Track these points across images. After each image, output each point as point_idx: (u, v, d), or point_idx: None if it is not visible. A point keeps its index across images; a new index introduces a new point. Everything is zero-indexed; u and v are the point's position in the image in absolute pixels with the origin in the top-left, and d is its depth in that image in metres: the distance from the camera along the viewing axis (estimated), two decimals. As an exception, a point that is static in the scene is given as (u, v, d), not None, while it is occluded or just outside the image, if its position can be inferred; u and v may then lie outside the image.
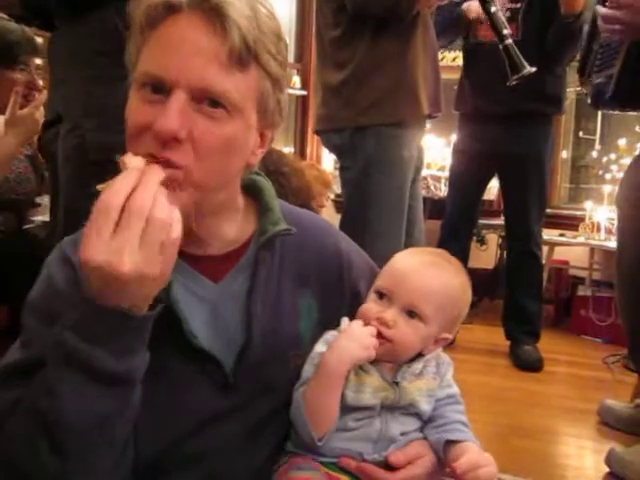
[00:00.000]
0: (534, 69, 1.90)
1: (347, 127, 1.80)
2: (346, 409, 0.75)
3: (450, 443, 0.76)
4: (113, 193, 0.59)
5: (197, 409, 0.74)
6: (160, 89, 0.67)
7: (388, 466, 0.76)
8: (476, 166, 2.85)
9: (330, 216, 3.05)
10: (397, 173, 1.79)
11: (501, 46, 1.89)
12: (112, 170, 0.78)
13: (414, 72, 1.79)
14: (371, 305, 0.79)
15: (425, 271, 0.79)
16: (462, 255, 2.90)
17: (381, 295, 0.79)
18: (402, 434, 0.78)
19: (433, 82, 1.87)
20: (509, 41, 1.88)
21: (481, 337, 3.15)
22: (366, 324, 0.77)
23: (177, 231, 0.61)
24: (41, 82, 1.86)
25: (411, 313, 0.77)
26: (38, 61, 1.92)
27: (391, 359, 0.78)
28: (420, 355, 0.80)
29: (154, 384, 0.71)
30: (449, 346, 3.06)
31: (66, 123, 1.35)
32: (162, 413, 0.73)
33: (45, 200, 1.86)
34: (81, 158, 1.30)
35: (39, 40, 1.95)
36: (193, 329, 0.73)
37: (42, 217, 1.88)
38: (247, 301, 0.78)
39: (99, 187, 0.61)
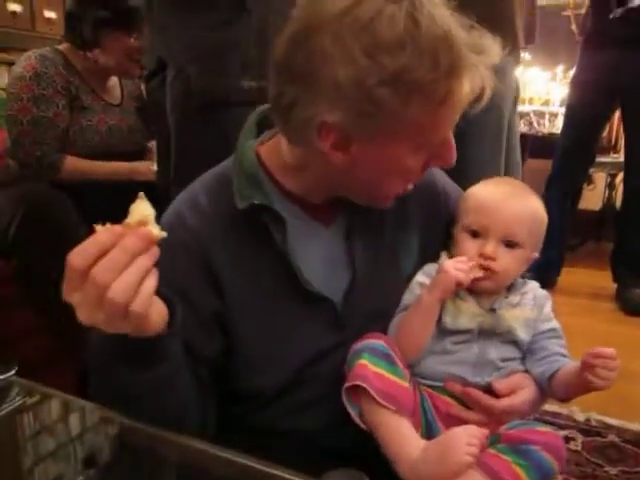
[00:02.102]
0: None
1: None
2: (444, 333, 0.79)
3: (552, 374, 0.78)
4: (76, 252, 0.56)
5: (311, 345, 0.80)
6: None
7: (490, 393, 0.79)
8: (596, 98, 2.64)
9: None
10: (494, 106, 1.73)
11: None
12: (218, 113, 0.81)
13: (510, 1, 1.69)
14: (468, 245, 0.81)
15: (513, 201, 0.82)
16: (574, 195, 2.78)
17: (474, 233, 0.81)
18: (502, 360, 0.80)
19: (528, 11, 1.77)
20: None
21: (584, 280, 3.03)
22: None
23: (142, 306, 0.57)
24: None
25: (509, 242, 0.80)
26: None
27: (494, 289, 0.81)
28: (516, 285, 0.83)
29: (273, 323, 0.79)
30: (551, 288, 2.96)
31: (171, 69, 1.39)
32: (281, 349, 0.79)
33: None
34: (188, 103, 1.34)
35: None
36: (307, 276, 0.78)
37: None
38: (349, 242, 0.82)
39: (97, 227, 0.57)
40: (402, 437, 0.71)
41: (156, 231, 0.57)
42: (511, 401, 0.78)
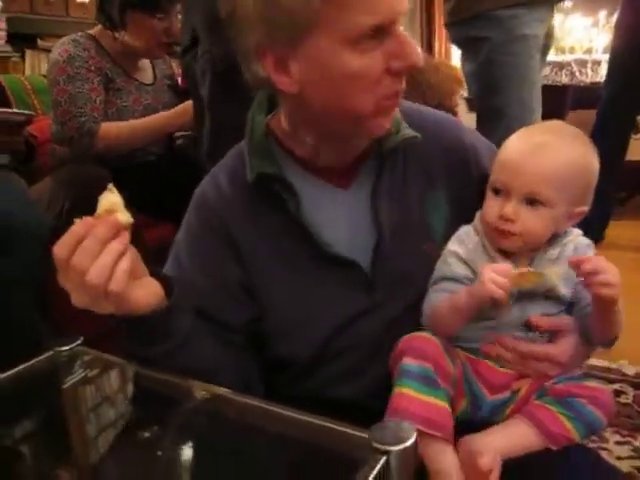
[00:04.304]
0: None
1: (466, 17, 1.77)
2: None
3: None
4: (59, 245, 0.62)
5: (342, 308, 0.81)
6: (380, 31, 0.67)
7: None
8: None
9: (463, 115, 2.92)
10: (520, 51, 1.72)
11: None
12: (235, 80, 0.83)
13: None
14: (490, 203, 0.77)
15: (536, 155, 0.74)
16: (621, 145, 2.69)
17: (497, 191, 0.77)
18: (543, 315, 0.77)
19: None
20: None
21: (631, 234, 2.94)
22: (489, 223, 0.77)
23: (118, 285, 0.62)
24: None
25: (532, 201, 0.74)
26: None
27: (526, 250, 0.77)
28: (556, 237, 0.78)
29: (298, 289, 0.81)
30: (598, 243, 2.88)
31: (200, 43, 1.43)
32: (314, 315, 0.81)
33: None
34: (213, 71, 1.39)
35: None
36: (327, 238, 0.79)
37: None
38: (373, 203, 0.81)
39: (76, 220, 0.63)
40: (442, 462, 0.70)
41: (124, 218, 0.63)
42: (550, 349, 0.76)
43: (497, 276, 0.69)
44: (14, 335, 1.35)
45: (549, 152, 0.75)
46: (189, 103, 1.83)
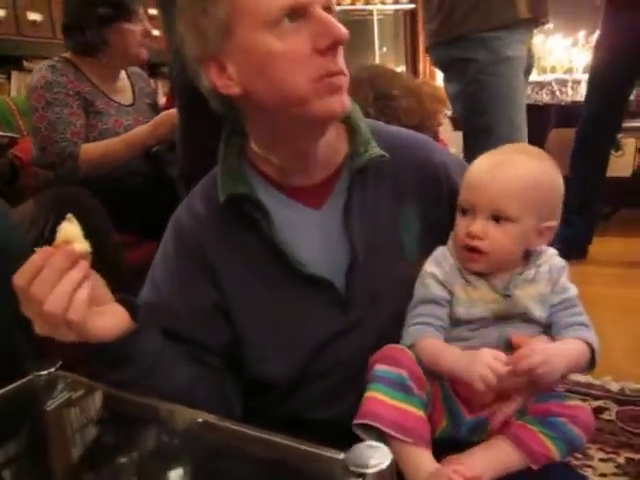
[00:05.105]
0: None
1: (448, 39, 1.80)
2: (459, 322, 0.77)
3: None
4: (18, 274, 0.63)
5: (319, 328, 0.81)
6: (297, 14, 0.70)
7: None
8: (622, 61, 2.59)
9: (448, 134, 2.96)
10: (505, 72, 1.75)
11: None
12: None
13: None
14: (459, 223, 0.79)
15: (497, 173, 0.76)
16: (601, 164, 2.73)
17: (464, 211, 0.78)
18: None
19: None
20: None
21: (616, 249, 2.98)
22: (458, 242, 0.78)
23: (77, 314, 0.63)
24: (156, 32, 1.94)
25: (497, 218, 0.76)
26: (152, 11, 2.00)
27: (497, 269, 0.77)
28: (531, 257, 0.79)
29: (274, 310, 0.81)
30: (582, 258, 2.91)
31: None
32: (290, 337, 0.81)
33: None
34: (187, 92, 1.39)
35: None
36: (300, 258, 0.79)
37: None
38: (346, 222, 0.82)
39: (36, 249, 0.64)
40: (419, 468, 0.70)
41: (80, 247, 0.64)
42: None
43: (490, 374, 0.69)
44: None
45: (509, 168, 0.77)
46: (166, 113, 1.82)
